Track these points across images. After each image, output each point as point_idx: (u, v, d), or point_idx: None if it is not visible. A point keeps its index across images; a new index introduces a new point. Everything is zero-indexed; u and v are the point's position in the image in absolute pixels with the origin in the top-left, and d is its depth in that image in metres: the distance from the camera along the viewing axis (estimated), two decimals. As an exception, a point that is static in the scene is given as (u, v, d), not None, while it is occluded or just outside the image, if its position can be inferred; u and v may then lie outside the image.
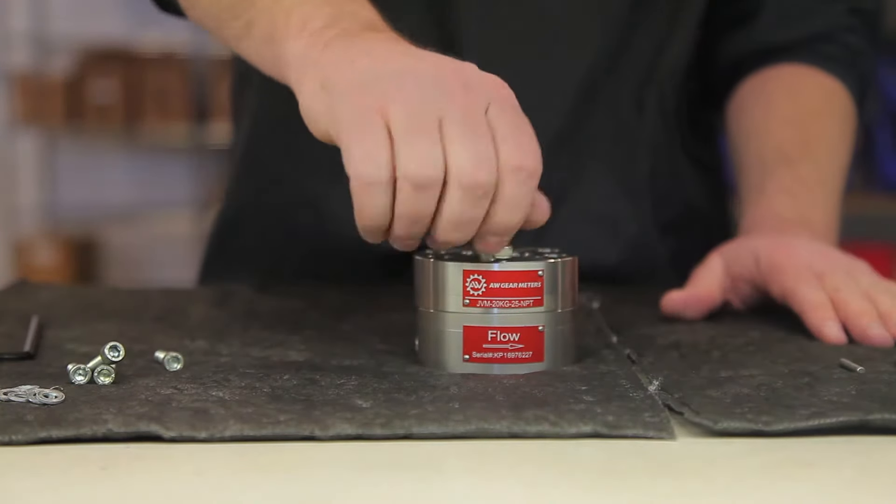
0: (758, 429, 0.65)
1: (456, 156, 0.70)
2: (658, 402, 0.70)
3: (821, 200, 1.04)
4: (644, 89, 1.11)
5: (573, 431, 0.64)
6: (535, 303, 0.76)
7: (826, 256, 0.94)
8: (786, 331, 0.90)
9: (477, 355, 0.76)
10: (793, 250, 0.94)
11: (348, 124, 0.71)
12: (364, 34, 0.78)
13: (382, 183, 0.70)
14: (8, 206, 4.27)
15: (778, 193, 1.03)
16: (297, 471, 0.60)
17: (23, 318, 0.92)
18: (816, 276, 0.91)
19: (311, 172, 1.09)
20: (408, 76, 0.72)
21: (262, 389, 0.72)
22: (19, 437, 0.63)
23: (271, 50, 0.82)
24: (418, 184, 0.70)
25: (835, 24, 1.14)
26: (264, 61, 0.84)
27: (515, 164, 0.71)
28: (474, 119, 0.71)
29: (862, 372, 0.77)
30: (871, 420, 0.65)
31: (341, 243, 1.08)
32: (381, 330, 0.89)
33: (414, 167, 0.70)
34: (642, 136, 1.12)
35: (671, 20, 1.11)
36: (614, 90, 1.09)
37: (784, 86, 1.12)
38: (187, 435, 0.64)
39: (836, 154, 1.08)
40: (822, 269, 0.92)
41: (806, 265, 0.92)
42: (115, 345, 0.74)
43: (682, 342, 0.86)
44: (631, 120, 1.11)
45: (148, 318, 0.96)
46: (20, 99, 4.12)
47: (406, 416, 0.66)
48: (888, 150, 2.51)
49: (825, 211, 1.03)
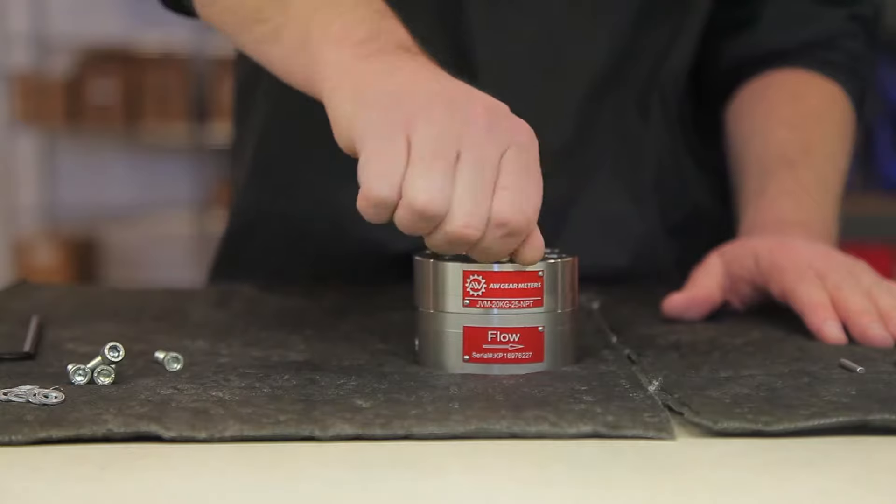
0: (758, 429, 0.65)
1: (455, 203, 0.71)
2: (658, 402, 0.70)
3: (821, 203, 1.04)
4: (648, 95, 1.11)
5: (573, 431, 0.64)
6: (535, 303, 0.76)
7: (827, 256, 0.94)
8: (786, 331, 0.90)
9: (477, 356, 0.76)
10: (793, 250, 0.94)
11: (372, 137, 0.73)
12: (401, 53, 0.79)
13: (390, 203, 0.72)
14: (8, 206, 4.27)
15: (778, 196, 1.03)
16: (297, 471, 0.60)
17: (23, 318, 0.92)
18: (817, 275, 0.91)
19: (325, 175, 1.09)
20: (438, 100, 0.73)
21: (262, 389, 0.72)
22: (19, 437, 0.63)
23: (303, 57, 0.82)
24: (419, 213, 0.71)
25: (835, 29, 1.14)
26: (291, 67, 0.85)
27: (502, 219, 0.72)
28: (486, 164, 0.72)
29: (862, 372, 0.77)
30: (871, 420, 0.65)
31: (356, 246, 1.08)
32: (381, 330, 0.89)
33: (422, 200, 0.71)
34: (648, 140, 1.12)
35: (675, 27, 1.12)
36: (619, 96, 1.10)
37: (785, 90, 1.12)
38: (187, 435, 0.64)
39: (835, 158, 1.08)
40: (822, 268, 0.92)
41: (806, 264, 0.92)
42: (115, 345, 0.74)
43: (682, 342, 0.86)
44: (636, 125, 1.11)
45: (148, 318, 0.96)
46: (20, 99, 4.12)
47: (406, 416, 0.66)
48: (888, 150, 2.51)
49: (825, 214, 1.03)
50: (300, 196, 1.12)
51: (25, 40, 4.22)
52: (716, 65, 1.17)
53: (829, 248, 0.97)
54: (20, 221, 4.28)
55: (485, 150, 0.72)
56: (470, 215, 0.71)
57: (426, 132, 0.72)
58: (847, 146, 1.11)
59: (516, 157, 0.73)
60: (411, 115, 0.72)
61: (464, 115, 0.73)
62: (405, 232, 0.73)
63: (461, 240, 0.72)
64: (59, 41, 4.19)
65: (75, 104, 4.06)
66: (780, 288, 0.92)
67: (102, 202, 4.32)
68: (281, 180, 1.13)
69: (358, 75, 0.77)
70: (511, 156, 0.73)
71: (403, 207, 0.71)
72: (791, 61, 1.13)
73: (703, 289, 0.95)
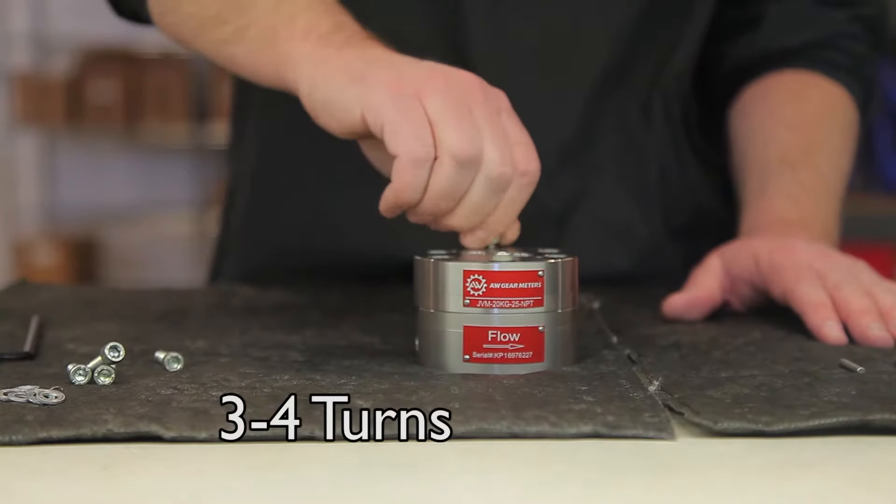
0: (758, 429, 0.65)
1: (486, 148, 0.76)
2: (658, 402, 0.70)
3: (822, 204, 1.04)
4: (651, 97, 1.11)
5: (573, 431, 0.64)
6: (536, 303, 0.76)
7: (827, 256, 0.94)
8: (786, 331, 0.90)
9: (477, 355, 0.76)
10: (793, 250, 0.94)
11: (392, 108, 0.76)
12: (368, 42, 0.84)
13: (429, 160, 0.76)
14: (8, 206, 4.27)
15: (779, 196, 1.03)
16: (297, 471, 0.60)
17: (23, 318, 0.92)
18: (817, 275, 0.91)
19: (325, 178, 1.09)
20: (435, 72, 0.79)
21: (262, 389, 0.72)
22: (19, 437, 0.63)
23: (271, 52, 0.86)
24: (461, 160, 0.75)
25: (838, 30, 1.14)
26: (258, 65, 0.88)
27: (523, 168, 0.77)
28: (496, 118, 0.78)
29: (862, 372, 0.77)
30: (871, 420, 0.65)
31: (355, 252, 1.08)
32: (381, 330, 0.89)
33: (457, 144, 0.75)
34: (651, 142, 1.12)
35: (677, 30, 1.11)
36: (622, 99, 1.10)
37: (787, 91, 1.12)
38: (187, 435, 0.64)
39: (837, 159, 1.08)
40: (822, 268, 0.92)
41: (806, 265, 0.92)
42: (115, 345, 0.74)
43: (682, 342, 0.86)
44: (639, 127, 1.11)
45: (148, 318, 0.96)
46: (20, 99, 4.12)
47: (406, 416, 0.66)
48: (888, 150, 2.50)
49: (825, 214, 1.03)
50: (300, 200, 1.12)
51: (25, 40, 4.22)
52: (719, 66, 1.17)
53: (829, 248, 0.97)
54: (20, 221, 4.28)
55: (489, 108, 0.77)
56: (502, 155, 0.77)
57: (437, 98, 0.76)
58: (849, 146, 1.10)
59: (510, 118, 0.79)
60: (419, 85, 0.77)
61: (460, 84, 0.78)
62: (446, 196, 0.76)
63: (503, 178, 0.77)
64: (59, 41, 4.19)
65: (75, 104, 4.06)
66: (781, 288, 0.92)
67: (102, 202, 4.32)
68: (281, 183, 1.13)
69: (343, 62, 0.80)
70: (506, 117, 0.79)
71: (444, 160, 0.75)
72: (793, 62, 1.13)
73: (704, 289, 0.95)
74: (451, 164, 0.75)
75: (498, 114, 0.78)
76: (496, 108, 0.79)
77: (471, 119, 0.76)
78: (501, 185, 0.77)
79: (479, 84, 0.79)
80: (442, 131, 0.76)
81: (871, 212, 2.53)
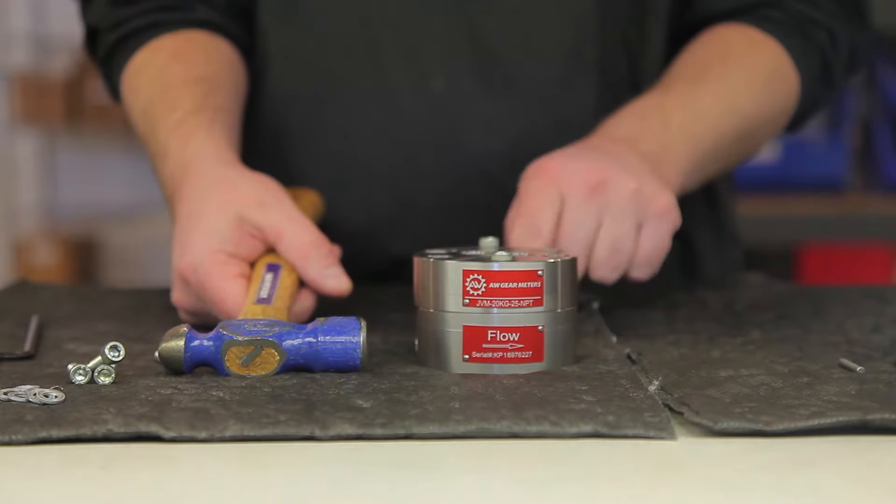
0: (758, 429, 0.65)
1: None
2: (658, 401, 0.70)
3: (675, 128, 0.98)
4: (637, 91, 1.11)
5: (573, 431, 0.64)
6: (535, 303, 0.76)
7: (590, 171, 0.89)
8: (786, 331, 0.90)
9: (477, 355, 0.76)
10: (551, 167, 0.90)
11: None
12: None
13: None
14: (8, 206, 4.27)
15: (626, 112, 0.99)
16: (297, 471, 0.60)
17: (23, 318, 0.92)
18: (559, 195, 0.88)
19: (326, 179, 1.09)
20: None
21: (262, 389, 0.72)
22: (19, 437, 0.63)
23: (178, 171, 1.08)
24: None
25: None
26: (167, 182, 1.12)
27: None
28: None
29: (861, 372, 0.77)
30: (871, 420, 0.65)
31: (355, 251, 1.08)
32: (381, 330, 0.89)
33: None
34: None
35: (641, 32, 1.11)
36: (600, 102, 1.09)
37: (706, 38, 1.10)
38: (187, 435, 0.64)
39: (729, 96, 1.03)
40: (568, 189, 0.88)
41: (553, 183, 0.89)
42: (115, 345, 0.74)
43: (682, 342, 0.86)
44: None
45: (148, 318, 0.96)
46: (20, 99, 4.11)
47: (406, 416, 0.66)
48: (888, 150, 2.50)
49: (674, 139, 0.98)
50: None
51: (25, 40, 4.22)
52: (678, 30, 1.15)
53: (620, 161, 0.92)
54: (20, 221, 4.28)
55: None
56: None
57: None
58: (756, 90, 1.05)
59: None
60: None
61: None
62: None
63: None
64: (59, 41, 4.18)
65: (75, 104, 4.05)
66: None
67: (102, 202, 4.32)
68: (281, 182, 1.13)
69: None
70: None
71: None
72: (734, 19, 1.12)
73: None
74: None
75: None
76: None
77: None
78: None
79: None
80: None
81: (871, 212, 2.53)
